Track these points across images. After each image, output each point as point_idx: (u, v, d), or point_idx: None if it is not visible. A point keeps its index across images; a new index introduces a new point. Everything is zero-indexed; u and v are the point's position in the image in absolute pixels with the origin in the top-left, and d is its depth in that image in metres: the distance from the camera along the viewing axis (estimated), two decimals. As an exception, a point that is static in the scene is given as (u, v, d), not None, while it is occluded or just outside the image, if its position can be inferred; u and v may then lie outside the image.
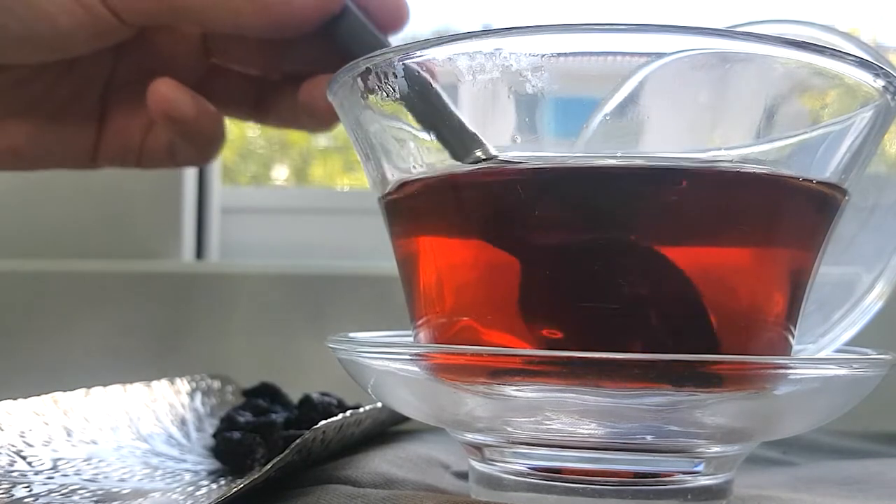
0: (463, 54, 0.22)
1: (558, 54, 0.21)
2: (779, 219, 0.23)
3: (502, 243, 0.23)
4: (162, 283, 0.51)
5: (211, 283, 0.51)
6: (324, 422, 0.26)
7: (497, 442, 0.23)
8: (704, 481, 0.23)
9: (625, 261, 0.22)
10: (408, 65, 0.23)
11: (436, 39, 0.22)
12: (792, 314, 0.24)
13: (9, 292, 0.52)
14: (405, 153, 0.25)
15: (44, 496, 0.24)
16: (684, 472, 0.23)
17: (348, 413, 0.28)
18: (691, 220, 0.22)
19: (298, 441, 0.24)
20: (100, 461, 0.28)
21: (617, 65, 0.22)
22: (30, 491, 0.24)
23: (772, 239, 0.23)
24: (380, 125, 0.25)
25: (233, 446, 0.29)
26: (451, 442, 0.28)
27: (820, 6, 0.56)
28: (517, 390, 0.21)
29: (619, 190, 0.22)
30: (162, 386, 0.36)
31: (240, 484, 0.23)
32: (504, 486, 0.24)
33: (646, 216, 0.22)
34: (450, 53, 0.22)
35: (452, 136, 0.25)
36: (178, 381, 0.37)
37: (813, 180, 0.23)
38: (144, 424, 0.33)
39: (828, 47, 0.21)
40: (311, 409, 0.32)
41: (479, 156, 0.24)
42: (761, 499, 0.26)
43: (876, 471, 0.30)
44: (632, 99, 0.23)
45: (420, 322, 0.25)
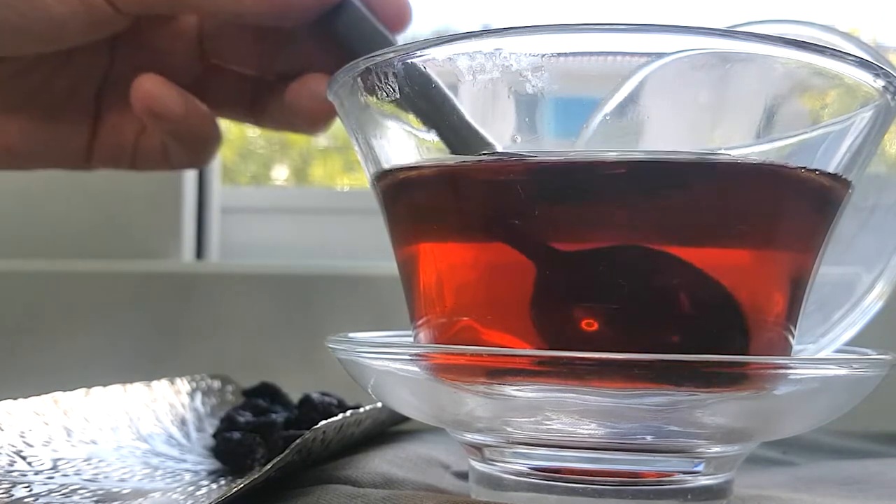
0: (463, 54, 0.22)
1: (558, 54, 0.21)
2: (779, 218, 0.23)
3: (504, 240, 0.23)
4: (162, 283, 0.51)
5: (211, 283, 0.51)
6: (324, 422, 0.26)
7: (497, 442, 0.23)
8: (704, 481, 0.23)
9: (627, 259, 0.22)
10: (408, 64, 0.23)
11: (436, 39, 0.22)
12: (792, 314, 0.24)
13: (9, 292, 0.52)
14: (405, 153, 0.25)
15: (44, 496, 0.24)
16: (684, 472, 0.23)
17: (348, 413, 0.28)
18: (691, 219, 0.22)
19: (298, 441, 0.24)
20: (100, 461, 0.28)
21: (617, 65, 0.22)
22: (30, 491, 0.24)
23: (772, 239, 0.23)
24: (380, 125, 0.25)
25: (233, 446, 0.29)
26: (451, 442, 0.28)
27: (820, 6, 0.56)
28: (517, 390, 0.21)
29: (619, 187, 0.22)
30: (162, 386, 0.36)
31: (240, 484, 0.23)
32: (504, 486, 0.24)
33: (646, 215, 0.22)
34: (450, 53, 0.22)
35: (455, 135, 0.24)
36: (178, 381, 0.37)
37: (816, 171, 0.23)
38: (144, 424, 0.33)
39: (828, 47, 0.21)
40: (311, 409, 0.32)
41: (477, 145, 0.24)
42: (761, 499, 0.26)
43: (876, 471, 0.30)
44: (632, 99, 0.23)
45: (420, 322, 0.25)
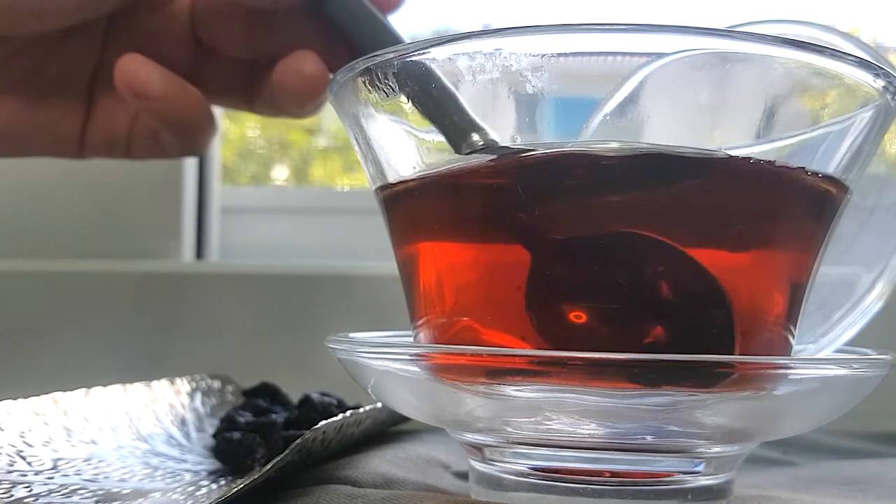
0: (463, 54, 0.22)
1: (558, 54, 0.21)
2: (779, 218, 0.23)
3: (500, 238, 0.23)
4: (162, 283, 0.51)
5: (211, 283, 0.51)
6: (324, 422, 0.26)
7: (497, 442, 0.23)
8: (704, 481, 0.23)
9: (628, 256, 0.22)
10: (408, 63, 0.23)
11: (436, 39, 0.22)
12: (792, 314, 0.24)
13: (9, 292, 0.52)
14: (405, 153, 0.25)
15: (44, 496, 0.24)
16: (684, 472, 0.23)
17: (348, 413, 0.28)
18: (691, 219, 0.22)
19: (298, 441, 0.24)
20: (100, 461, 0.28)
21: (617, 65, 0.22)
22: (30, 491, 0.24)
23: (772, 239, 0.23)
24: (379, 125, 0.25)
25: (233, 446, 0.29)
26: (451, 442, 0.28)
27: (820, 6, 0.56)
28: (517, 390, 0.21)
29: (618, 185, 0.22)
30: (162, 386, 0.36)
31: (240, 484, 0.23)
32: (504, 486, 0.24)
33: (646, 215, 0.22)
34: (450, 53, 0.22)
35: (457, 133, 0.24)
36: (178, 381, 0.37)
37: (818, 173, 0.23)
38: (144, 424, 0.33)
39: (828, 47, 0.21)
40: (311, 409, 0.32)
41: (477, 140, 0.24)
42: (761, 499, 0.26)
43: (876, 471, 0.30)
44: (632, 99, 0.23)
45: (420, 322, 0.25)
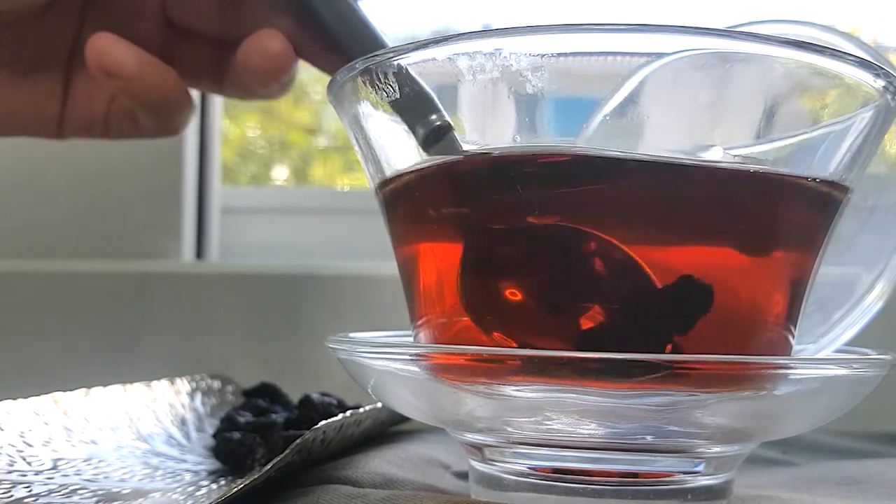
0: (463, 54, 0.22)
1: (558, 54, 0.21)
2: (779, 219, 0.23)
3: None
4: (162, 283, 0.51)
5: (211, 283, 0.51)
6: (324, 422, 0.26)
7: (497, 442, 0.23)
8: (704, 481, 0.23)
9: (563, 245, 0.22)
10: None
11: (436, 39, 0.22)
12: (792, 314, 0.24)
13: (9, 292, 0.52)
14: (405, 153, 0.25)
15: (44, 496, 0.24)
16: (684, 472, 0.23)
17: (348, 413, 0.28)
18: (690, 219, 0.22)
19: (298, 441, 0.24)
20: (100, 461, 0.28)
21: (617, 65, 0.22)
22: (30, 491, 0.24)
23: (772, 239, 0.23)
24: (379, 125, 0.25)
25: (233, 446, 0.29)
26: (451, 442, 0.28)
27: (820, 6, 0.56)
28: (517, 390, 0.21)
29: (621, 187, 0.22)
30: (162, 386, 0.36)
31: (240, 484, 0.23)
32: (504, 486, 0.24)
33: (645, 215, 0.22)
34: (450, 53, 0.22)
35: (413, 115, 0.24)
36: (178, 381, 0.37)
37: (815, 178, 0.23)
38: (144, 424, 0.33)
39: (828, 47, 0.21)
40: (311, 409, 0.32)
41: (433, 120, 0.24)
42: (761, 499, 0.26)
43: (876, 471, 0.30)
44: (632, 99, 0.23)
45: (420, 322, 0.25)
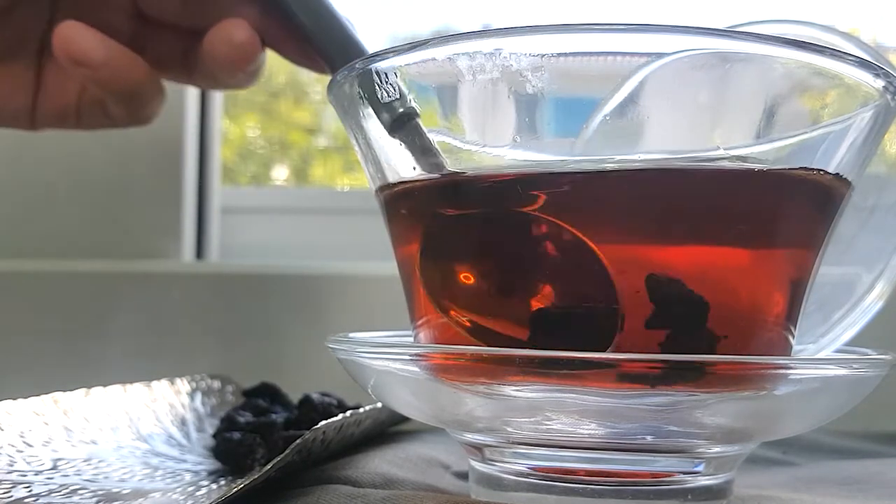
0: (463, 54, 0.22)
1: (558, 54, 0.21)
2: (779, 218, 0.23)
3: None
4: (162, 283, 0.51)
5: (211, 283, 0.51)
6: (324, 422, 0.26)
7: (497, 442, 0.23)
8: (704, 481, 0.23)
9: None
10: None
11: (436, 39, 0.22)
12: (792, 314, 0.24)
13: (9, 292, 0.52)
14: (405, 153, 0.25)
15: (44, 496, 0.24)
16: (684, 472, 0.23)
17: (348, 413, 0.28)
18: (690, 219, 0.22)
19: (298, 441, 0.24)
20: (100, 461, 0.28)
21: (617, 65, 0.22)
22: (30, 491, 0.24)
23: (772, 238, 0.23)
24: (379, 125, 0.25)
25: (233, 446, 0.29)
26: (451, 442, 0.28)
27: (820, 6, 0.56)
28: (517, 390, 0.21)
29: (618, 190, 0.22)
30: (162, 386, 0.36)
31: (240, 484, 0.23)
32: (504, 486, 0.24)
33: (645, 215, 0.22)
34: (450, 53, 0.22)
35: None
36: (178, 381, 0.37)
37: (816, 170, 0.23)
38: (144, 424, 0.33)
39: (828, 47, 0.21)
40: (311, 409, 0.32)
41: (397, 106, 0.24)
42: (761, 499, 0.26)
43: (876, 471, 0.30)
44: (632, 99, 0.23)
45: (420, 322, 0.25)
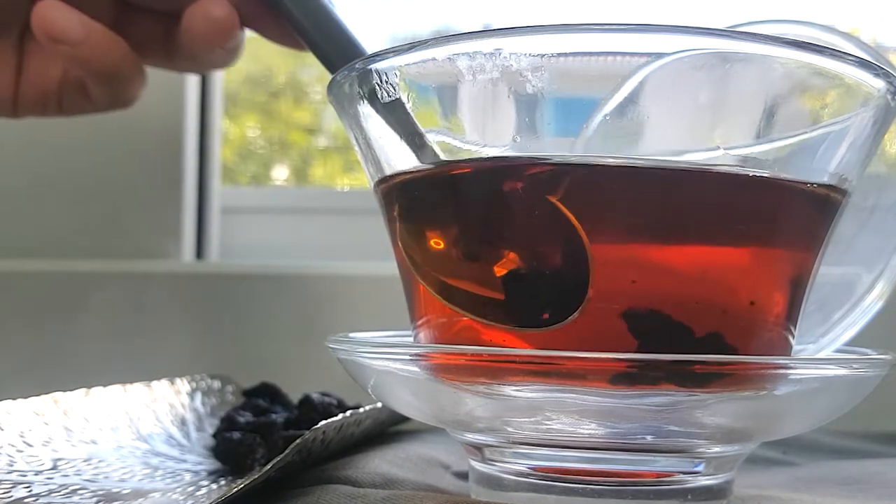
0: (463, 54, 0.22)
1: (558, 54, 0.21)
2: (779, 219, 0.23)
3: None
4: (162, 283, 0.51)
5: (211, 283, 0.51)
6: (324, 422, 0.26)
7: (497, 442, 0.23)
8: (704, 481, 0.23)
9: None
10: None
11: (436, 39, 0.22)
12: (792, 314, 0.24)
13: (9, 292, 0.52)
14: (404, 153, 0.25)
15: (44, 496, 0.24)
16: (684, 472, 0.23)
17: (348, 413, 0.28)
18: (690, 219, 0.22)
19: (298, 441, 0.24)
20: (100, 461, 0.28)
21: (617, 65, 0.22)
22: (30, 491, 0.24)
23: (772, 239, 0.23)
24: (379, 125, 0.25)
25: (233, 446, 0.29)
26: (451, 442, 0.28)
27: (820, 6, 0.56)
28: (517, 390, 0.21)
29: (619, 189, 0.22)
30: (162, 386, 0.36)
31: (240, 484, 0.23)
32: (504, 486, 0.24)
33: (645, 215, 0.22)
34: (450, 53, 0.22)
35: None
36: (178, 381, 0.37)
37: (812, 184, 0.23)
38: (144, 424, 0.33)
39: (828, 47, 0.21)
40: (311, 409, 0.32)
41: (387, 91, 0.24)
42: (761, 499, 0.26)
43: (876, 471, 0.30)
44: (632, 99, 0.23)
45: (420, 322, 0.25)
